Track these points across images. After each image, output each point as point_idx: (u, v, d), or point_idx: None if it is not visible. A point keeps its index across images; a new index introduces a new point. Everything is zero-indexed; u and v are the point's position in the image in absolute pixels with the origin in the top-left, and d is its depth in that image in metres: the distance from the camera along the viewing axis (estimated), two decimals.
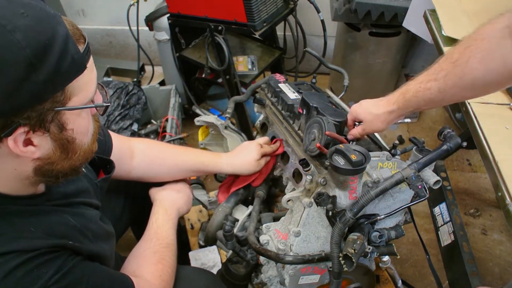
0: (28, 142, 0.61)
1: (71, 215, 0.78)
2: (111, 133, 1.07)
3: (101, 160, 0.97)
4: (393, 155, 0.93)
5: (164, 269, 0.96)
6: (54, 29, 0.58)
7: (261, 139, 1.23)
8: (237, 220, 1.19)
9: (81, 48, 0.63)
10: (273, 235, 1.03)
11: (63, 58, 0.58)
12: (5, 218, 0.67)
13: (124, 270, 0.94)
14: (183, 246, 1.49)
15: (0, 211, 0.67)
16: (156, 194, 1.16)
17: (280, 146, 1.20)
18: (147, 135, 2.24)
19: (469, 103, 1.11)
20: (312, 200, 0.90)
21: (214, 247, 1.37)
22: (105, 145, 1.02)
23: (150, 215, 1.09)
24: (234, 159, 1.18)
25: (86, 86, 0.65)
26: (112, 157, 1.02)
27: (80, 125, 0.67)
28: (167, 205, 1.11)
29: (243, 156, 1.18)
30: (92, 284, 0.73)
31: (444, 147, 0.84)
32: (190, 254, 1.39)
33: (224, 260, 1.31)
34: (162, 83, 2.62)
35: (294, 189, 1.11)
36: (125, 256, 1.02)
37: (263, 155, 1.19)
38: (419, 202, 0.83)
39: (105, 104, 0.72)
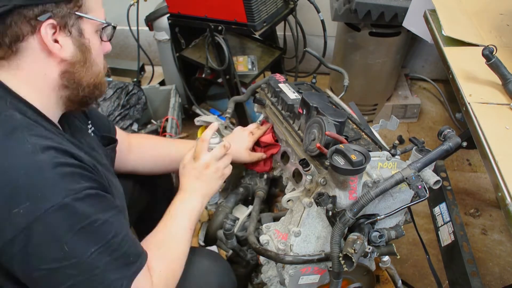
0: (55, 41, 0.74)
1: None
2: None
3: (105, 139, 1.05)
4: (393, 155, 0.93)
5: (169, 267, 0.91)
6: None
7: (251, 126, 1.28)
8: (238, 219, 1.19)
9: None
10: (273, 235, 1.03)
11: None
12: (50, 122, 0.78)
13: None
14: None
15: (38, 118, 0.76)
16: (180, 181, 1.09)
17: (269, 127, 1.26)
18: None
19: (469, 103, 1.11)
20: (312, 200, 0.90)
21: (214, 247, 1.38)
22: (109, 128, 1.11)
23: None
24: None
25: (99, 9, 0.81)
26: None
27: (94, 43, 0.81)
28: (185, 197, 1.05)
29: (234, 145, 1.17)
30: (116, 216, 0.78)
31: (444, 147, 0.84)
32: None
33: None
34: (162, 83, 2.62)
35: (294, 189, 1.11)
36: None
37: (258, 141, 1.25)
38: (419, 202, 0.83)
39: (112, 24, 0.85)
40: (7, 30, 0.70)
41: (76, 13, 0.75)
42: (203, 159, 1.04)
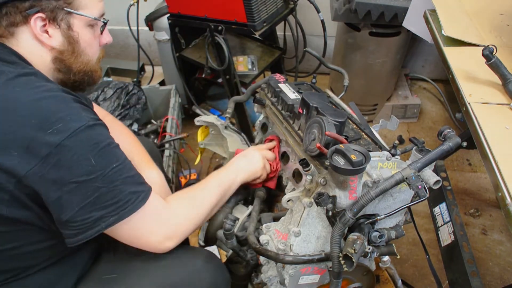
0: (45, 31, 0.84)
1: None
2: None
3: None
4: (393, 155, 0.93)
5: (190, 203, 1.00)
6: None
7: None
8: (238, 219, 1.19)
9: None
10: (273, 235, 1.03)
11: None
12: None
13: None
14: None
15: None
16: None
17: (276, 144, 1.22)
18: (147, 135, 2.24)
19: (469, 103, 1.11)
20: (312, 200, 0.90)
21: (214, 247, 1.38)
22: (90, 103, 1.12)
23: None
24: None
25: (93, 5, 0.88)
26: None
27: (85, 35, 0.89)
28: (230, 167, 1.15)
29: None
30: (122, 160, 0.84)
31: (444, 147, 0.84)
32: None
33: (224, 260, 1.31)
34: (162, 83, 2.62)
35: (294, 189, 1.11)
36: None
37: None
38: (419, 202, 0.83)
39: (102, 20, 0.91)
40: (3, 18, 0.81)
41: (65, 9, 0.84)
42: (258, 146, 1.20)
